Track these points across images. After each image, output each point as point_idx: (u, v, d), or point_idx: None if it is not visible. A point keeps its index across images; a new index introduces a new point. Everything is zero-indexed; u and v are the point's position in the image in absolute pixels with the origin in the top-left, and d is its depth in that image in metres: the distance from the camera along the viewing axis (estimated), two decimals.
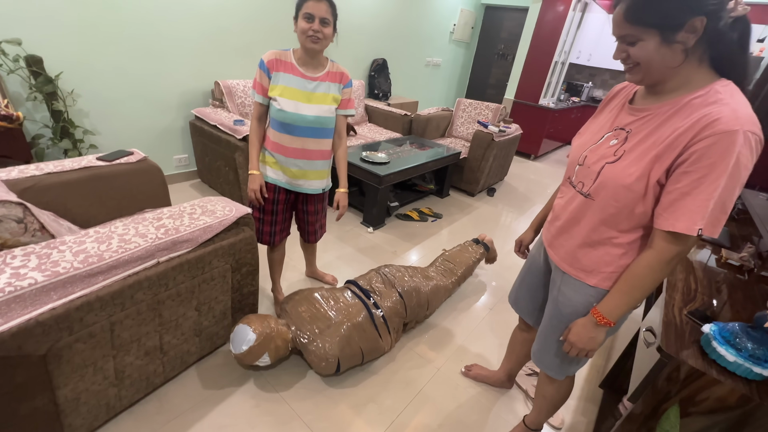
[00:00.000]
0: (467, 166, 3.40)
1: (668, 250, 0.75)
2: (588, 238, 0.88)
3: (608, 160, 0.82)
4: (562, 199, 0.97)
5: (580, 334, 0.89)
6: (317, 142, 1.45)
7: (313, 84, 1.39)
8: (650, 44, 0.71)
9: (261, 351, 1.31)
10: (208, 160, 2.74)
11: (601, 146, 0.86)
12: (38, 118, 2.13)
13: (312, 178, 1.51)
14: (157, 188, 1.74)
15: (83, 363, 1.01)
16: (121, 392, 1.17)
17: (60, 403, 1.00)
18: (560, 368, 1.06)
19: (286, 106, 1.35)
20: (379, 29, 4.12)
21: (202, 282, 1.26)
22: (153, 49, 2.47)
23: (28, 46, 1.96)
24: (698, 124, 0.68)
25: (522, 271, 1.23)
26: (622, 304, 0.83)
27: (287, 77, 1.36)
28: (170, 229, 1.16)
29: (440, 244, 2.64)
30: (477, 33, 5.82)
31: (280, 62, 1.37)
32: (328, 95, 1.42)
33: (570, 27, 4.70)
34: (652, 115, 0.78)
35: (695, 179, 0.69)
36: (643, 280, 0.79)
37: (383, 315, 1.57)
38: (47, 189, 1.39)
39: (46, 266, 0.91)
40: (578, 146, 0.93)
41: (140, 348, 1.16)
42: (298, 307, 1.50)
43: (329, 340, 1.39)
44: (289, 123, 1.38)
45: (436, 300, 1.83)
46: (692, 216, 0.70)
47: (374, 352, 1.53)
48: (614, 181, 0.79)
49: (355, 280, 1.71)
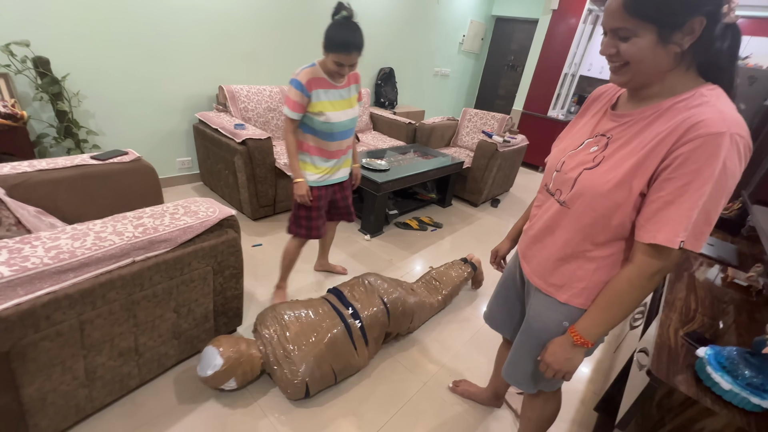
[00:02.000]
0: (470, 176, 3.35)
1: (649, 265, 0.70)
2: (561, 250, 0.83)
3: (586, 166, 0.77)
4: (539, 208, 0.92)
5: (556, 354, 0.83)
6: (351, 139, 1.68)
7: (343, 92, 1.56)
8: (645, 41, 0.65)
9: (227, 377, 1.27)
10: (209, 163, 2.76)
11: (581, 152, 0.81)
12: (44, 118, 2.18)
13: (345, 166, 1.74)
14: (151, 189, 1.74)
15: (50, 362, 0.99)
16: (93, 393, 1.15)
17: (25, 402, 0.98)
18: (529, 382, 1.00)
19: (333, 118, 1.53)
20: (387, 38, 4.15)
21: (181, 283, 1.24)
22: (159, 52, 2.52)
23: (36, 48, 2.01)
24: (681, 127, 0.64)
25: (498, 284, 1.17)
26: (600, 322, 0.77)
27: (327, 93, 1.52)
28: (149, 228, 1.14)
29: (439, 254, 2.58)
30: (487, 44, 5.82)
31: (315, 81, 1.48)
32: (354, 97, 1.62)
33: (580, 39, 4.65)
34: (633, 120, 0.74)
35: (679, 186, 0.64)
36: (623, 297, 0.74)
37: (362, 326, 1.50)
38: (37, 186, 1.40)
39: (15, 261, 0.90)
40: (558, 152, 0.88)
41: (113, 349, 1.14)
42: (268, 328, 1.42)
43: (297, 365, 1.31)
44: (336, 131, 1.57)
45: (420, 314, 1.77)
46: (674, 227, 0.65)
47: (348, 370, 1.46)
48: (591, 189, 0.74)
49: (337, 288, 1.66)
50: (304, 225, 1.70)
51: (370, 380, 1.53)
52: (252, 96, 2.84)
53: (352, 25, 1.43)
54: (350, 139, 1.68)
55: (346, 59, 1.43)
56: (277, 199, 2.64)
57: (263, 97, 2.91)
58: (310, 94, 1.47)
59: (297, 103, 1.48)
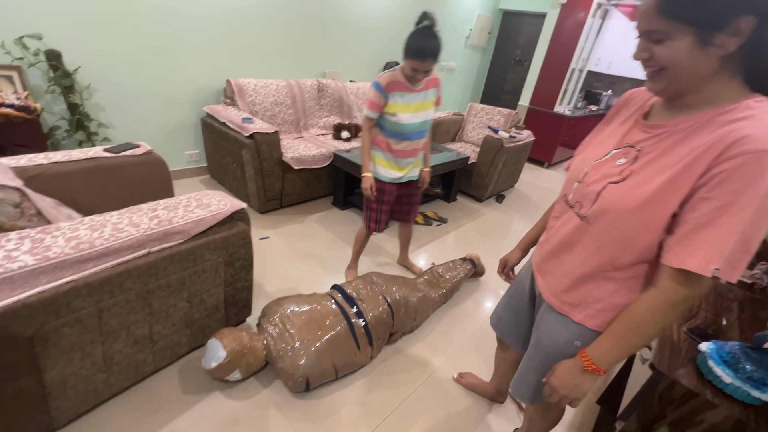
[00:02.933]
0: (476, 171, 3.36)
1: (676, 293, 0.63)
2: (579, 268, 0.77)
3: (612, 180, 0.70)
4: (557, 220, 0.86)
5: (563, 378, 0.76)
6: (422, 141, 1.76)
7: (419, 95, 1.65)
8: (681, 45, 0.58)
9: (231, 368, 1.30)
10: (217, 157, 2.79)
11: (606, 164, 0.74)
12: (56, 111, 2.22)
13: (416, 167, 1.84)
14: (162, 181, 1.77)
15: (70, 347, 1.03)
16: (110, 378, 1.19)
17: (47, 385, 1.02)
18: (533, 396, 0.96)
19: (404, 120, 1.63)
20: (393, 31, 4.13)
21: (194, 274, 1.27)
22: (169, 46, 2.54)
23: (49, 41, 2.04)
24: (723, 141, 0.57)
25: (508, 292, 1.13)
26: (615, 349, 0.71)
27: (402, 95, 1.62)
28: (163, 220, 1.17)
29: (444, 248, 2.60)
30: (494, 38, 5.77)
31: (394, 84, 1.61)
32: (430, 101, 1.69)
33: (589, 34, 4.60)
34: (667, 132, 0.66)
35: (716, 207, 0.57)
36: (643, 324, 0.67)
37: (365, 325, 1.52)
38: (53, 177, 1.44)
39: (38, 250, 0.94)
40: (580, 161, 0.82)
41: (129, 336, 1.18)
42: (271, 322, 1.44)
43: (298, 359, 1.34)
44: (407, 132, 1.67)
45: (423, 311, 1.80)
46: (708, 252, 0.58)
47: (350, 366, 1.48)
48: (617, 205, 0.68)
49: (341, 286, 1.67)
50: (366, 216, 1.89)
51: (376, 371, 1.56)
52: (259, 90, 2.86)
53: (430, 33, 1.50)
54: (422, 141, 1.76)
55: (420, 65, 1.51)
56: (284, 193, 2.67)
57: (270, 91, 2.92)
58: (387, 96, 1.60)
59: (374, 103, 1.63)
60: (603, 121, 0.87)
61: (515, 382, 1.02)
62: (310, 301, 1.55)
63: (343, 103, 3.42)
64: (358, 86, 3.59)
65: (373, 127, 1.72)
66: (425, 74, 1.56)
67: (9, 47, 1.92)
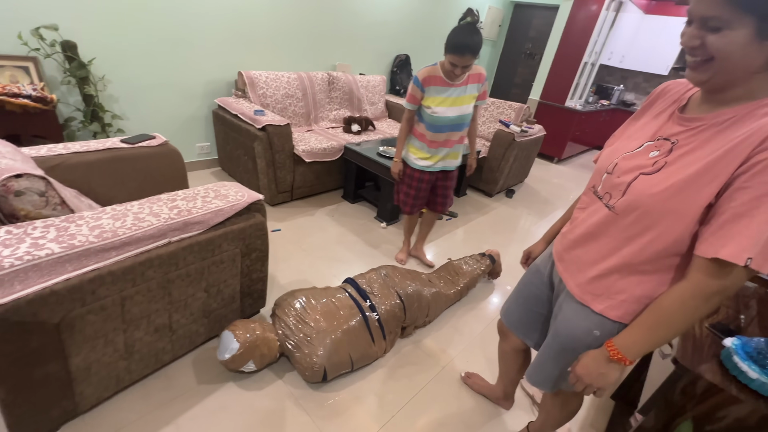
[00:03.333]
0: (486, 166, 3.34)
1: (707, 284, 0.62)
2: (605, 258, 0.77)
3: (644, 171, 0.69)
4: (583, 211, 0.85)
5: (588, 368, 0.76)
6: (458, 133, 1.82)
7: (458, 90, 1.70)
8: (739, 36, 0.55)
9: (245, 359, 1.31)
10: (229, 149, 2.80)
11: (639, 155, 0.73)
12: (71, 102, 2.23)
13: (452, 158, 1.90)
14: (177, 172, 1.79)
15: (95, 334, 1.05)
16: (131, 366, 1.21)
17: (72, 370, 1.04)
18: (549, 384, 0.97)
19: (440, 113, 1.71)
20: (403, 25, 4.09)
21: (212, 264, 1.28)
22: (181, 38, 2.54)
23: (65, 32, 2.05)
24: (762, 132, 0.57)
25: (521, 282, 1.11)
26: (643, 340, 0.70)
27: (439, 89, 1.70)
28: (183, 210, 1.18)
29: (454, 243, 2.60)
30: (504, 31, 5.69)
31: (431, 78, 1.69)
32: (469, 96, 1.73)
33: (602, 27, 4.52)
34: (704, 125, 0.65)
35: (754, 197, 0.56)
36: (672, 316, 0.66)
37: (379, 318, 1.52)
38: (73, 168, 1.45)
39: (64, 238, 0.95)
40: (610, 152, 0.81)
41: (150, 324, 1.19)
42: (286, 313, 1.45)
43: (315, 349, 1.35)
44: (441, 124, 1.75)
45: (436, 307, 1.79)
46: (743, 241, 0.57)
47: (365, 359, 1.49)
48: (648, 196, 0.67)
49: (354, 279, 1.67)
50: (401, 199, 2.02)
51: (390, 364, 1.57)
52: (270, 82, 2.85)
53: (471, 29, 1.54)
54: (458, 134, 1.81)
55: (459, 60, 1.57)
56: (295, 186, 2.68)
57: (281, 83, 2.92)
58: (425, 89, 1.70)
59: (412, 96, 1.74)
60: (637, 112, 0.86)
61: (531, 372, 1.02)
62: (324, 293, 1.55)
63: (353, 96, 3.41)
64: (368, 79, 3.57)
65: (412, 118, 1.83)
66: (464, 69, 1.60)
67: (26, 38, 1.92)
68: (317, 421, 1.30)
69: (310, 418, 1.31)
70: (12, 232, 0.93)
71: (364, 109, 3.50)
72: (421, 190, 1.95)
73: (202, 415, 1.26)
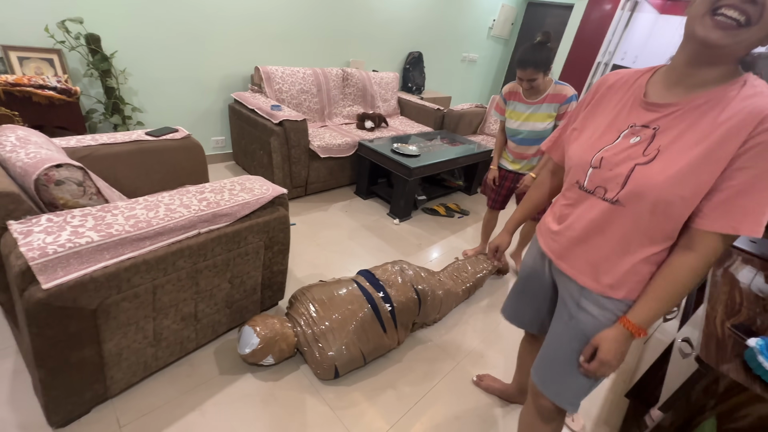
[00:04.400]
0: None
1: (715, 254, 0.69)
2: (615, 249, 0.78)
3: (638, 162, 0.71)
4: (572, 207, 0.85)
5: (613, 351, 0.77)
6: (532, 147, 1.94)
7: (532, 108, 1.84)
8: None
9: (264, 354, 1.33)
10: (244, 143, 2.83)
11: (621, 146, 0.76)
12: (93, 94, 2.27)
13: (526, 168, 2.01)
14: (198, 165, 1.82)
15: (127, 321, 1.08)
16: (158, 353, 1.24)
17: (105, 355, 1.08)
18: (580, 396, 0.90)
19: (511, 125, 1.93)
20: (416, 22, 4.09)
21: (237, 256, 1.31)
22: (199, 32, 2.57)
23: (89, 25, 2.08)
24: (753, 117, 0.61)
25: (518, 284, 1.10)
26: (657, 312, 0.75)
27: (515, 104, 1.90)
28: (212, 202, 1.21)
29: (465, 240, 2.61)
30: (517, 30, 5.66)
31: (512, 93, 1.90)
32: (543, 114, 1.82)
33: (617, 26, 4.49)
34: (682, 110, 0.69)
35: (755, 175, 0.62)
36: (685, 285, 0.72)
37: (392, 309, 1.53)
38: (101, 159, 1.48)
39: (101, 227, 0.98)
40: (584, 147, 0.82)
41: (177, 313, 1.23)
42: (299, 310, 1.47)
43: (326, 347, 1.37)
44: (513, 136, 1.96)
45: (447, 305, 1.81)
46: (757, 217, 0.63)
47: (378, 351, 1.50)
48: (652, 185, 0.69)
49: (370, 271, 1.68)
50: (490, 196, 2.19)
51: (405, 358, 1.60)
52: (286, 77, 2.87)
53: (536, 46, 1.66)
54: (531, 148, 1.93)
55: (521, 74, 1.71)
56: (309, 181, 2.70)
57: (297, 78, 2.94)
58: (507, 102, 1.93)
59: (498, 106, 1.99)
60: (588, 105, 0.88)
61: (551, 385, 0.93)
62: (335, 287, 1.55)
63: (367, 93, 3.42)
64: (381, 76, 3.58)
65: (503, 128, 2.03)
66: (530, 83, 1.73)
67: (52, 30, 1.96)
68: (337, 411, 1.33)
69: (329, 407, 1.34)
70: (53, 220, 0.96)
71: (377, 105, 3.51)
72: (504, 188, 2.10)
73: (225, 401, 1.29)
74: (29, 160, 1.01)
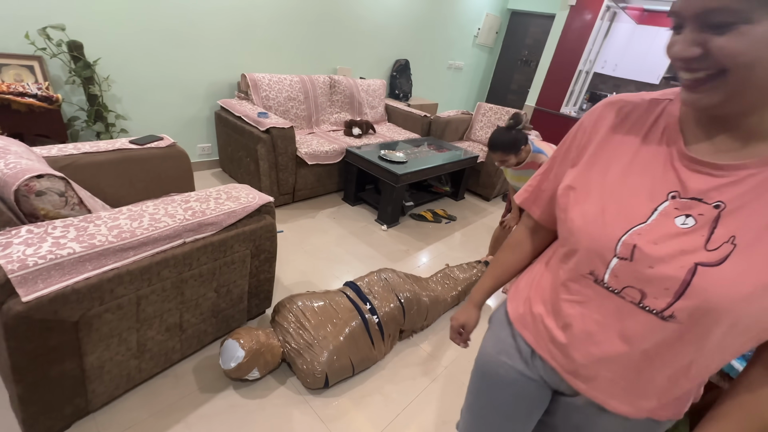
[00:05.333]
0: (484, 171, 3.40)
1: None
2: (666, 374, 0.55)
3: (701, 261, 0.47)
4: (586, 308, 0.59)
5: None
6: None
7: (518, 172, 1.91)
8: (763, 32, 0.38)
9: (250, 367, 1.31)
10: (230, 150, 2.81)
11: (661, 228, 0.50)
12: (75, 101, 2.23)
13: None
14: (183, 173, 1.80)
15: (110, 333, 1.07)
16: (142, 365, 1.23)
17: (86, 369, 1.06)
18: None
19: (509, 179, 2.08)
20: (403, 30, 4.15)
21: (223, 265, 1.31)
22: (185, 39, 2.56)
23: (71, 32, 2.05)
24: None
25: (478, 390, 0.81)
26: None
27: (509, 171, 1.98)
28: (197, 211, 1.21)
29: (453, 246, 2.65)
30: (501, 38, 5.79)
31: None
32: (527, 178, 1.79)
33: (597, 36, 4.64)
34: (753, 172, 0.46)
35: None
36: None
37: (379, 321, 1.54)
38: (83, 168, 1.46)
39: (84, 238, 0.97)
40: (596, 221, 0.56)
41: (162, 324, 1.21)
42: (287, 318, 1.45)
43: (317, 355, 1.36)
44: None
45: (434, 311, 1.82)
46: None
47: (366, 362, 1.50)
48: (730, 300, 0.45)
49: (355, 282, 1.68)
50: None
51: (393, 364, 1.61)
52: (273, 85, 2.88)
53: (504, 131, 1.75)
54: None
55: (492, 156, 1.82)
56: (297, 188, 2.70)
57: (284, 86, 2.94)
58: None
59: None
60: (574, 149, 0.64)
61: None
62: (323, 297, 1.56)
63: (354, 100, 3.45)
64: (368, 83, 3.61)
65: None
66: (502, 163, 1.82)
67: (32, 37, 1.93)
68: (325, 421, 1.32)
69: (318, 416, 1.33)
70: (33, 231, 0.94)
71: (364, 112, 3.54)
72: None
73: (211, 414, 1.27)
74: (9, 171, 0.99)
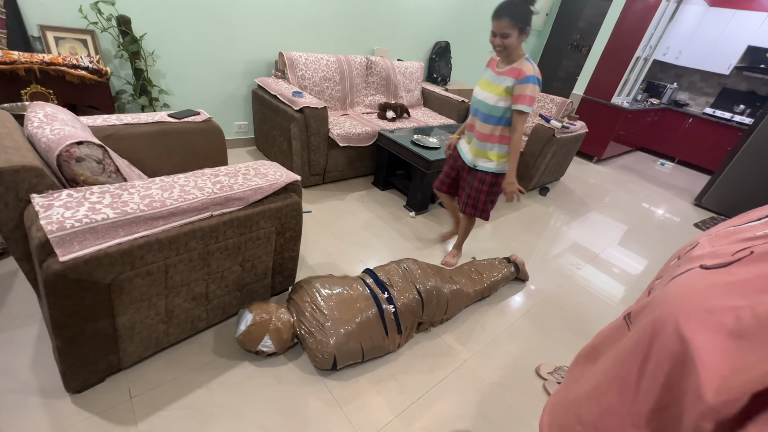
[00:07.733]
0: (522, 161, 3.22)
1: None
2: None
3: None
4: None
5: None
6: (481, 124, 1.77)
7: (496, 77, 1.68)
8: None
9: (261, 332, 1.32)
10: (265, 129, 2.85)
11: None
12: (122, 75, 2.34)
13: (470, 152, 1.88)
14: (218, 148, 1.84)
15: (140, 297, 1.11)
16: (169, 330, 1.28)
17: (118, 328, 1.12)
18: None
19: (474, 93, 1.78)
20: (445, 10, 3.97)
21: (249, 240, 1.33)
22: (226, 17, 2.58)
23: (120, 7, 2.13)
24: None
25: None
26: None
27: (486, 72, 1.76)
28: (225, 186, 1.22)
29: (481, 237, 2.56)
30: (552, 20, 5.42)
31: (491, 61, 1.76)
32: (500, 86, 1.66)
33: (661, 19, 4.21)
34: None
35: None
36: None
37: (395, 311, 1.51)
38: (124, 138, 1.52)
39: (117, 205, 1.00)
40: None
41: (189, 292, 1.25)
42: (303, 298, 1.46)
43: (327, 337, 1.35)
44: (472, 105, 1.80)
45: (455, 305, 1.76)
46: None
47: (377, 351, 1.48)
48: None
49: (374, 271, 1.65)
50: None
51: (412, 352, 1.58)
52: (310, 64, 2.86)
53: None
54: (478, 121, 1.77)
55: (495, 26, 1.55)
56: (327, 169, 2.70)
57: (320, 65, 2.92)
58: (485, 70, 1.78)
59: None
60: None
61: None
62: (341, 283, 1.54)
63: (390, 83, 3.37)
64: (405, 65, 3.51)
65: None
66: (502, 39, 1.55)
67: (85, 11, 2.02)
68: (339, 401, 1.33)
69: (332, 395, 1.34)
70: (73, 195, 0.99)
71: (399, 95, 3.46)
72: (450, 168, 2.02)
73: (232, 382, 1.32)
74: (53, 137, 1.04)
